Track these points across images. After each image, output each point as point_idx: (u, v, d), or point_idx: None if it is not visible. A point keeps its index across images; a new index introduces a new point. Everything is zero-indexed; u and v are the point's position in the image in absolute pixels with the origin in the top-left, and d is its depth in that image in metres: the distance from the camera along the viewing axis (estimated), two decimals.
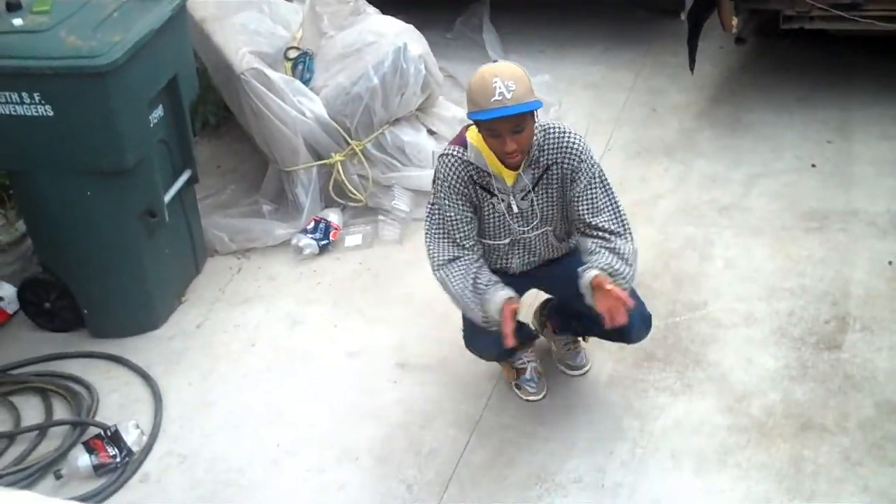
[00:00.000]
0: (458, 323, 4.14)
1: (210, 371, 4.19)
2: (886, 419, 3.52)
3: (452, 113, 5.30)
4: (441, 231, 3.45)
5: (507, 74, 3.14)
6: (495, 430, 3.74)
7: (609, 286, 3.14)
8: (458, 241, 3.44)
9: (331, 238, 4.81)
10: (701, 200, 4.80)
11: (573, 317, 3.75)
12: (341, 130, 4.85)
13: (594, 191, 3.36)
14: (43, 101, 3.82)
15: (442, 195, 3.42)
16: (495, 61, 3.46)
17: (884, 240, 4.38)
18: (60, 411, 4.02)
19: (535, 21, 6.68)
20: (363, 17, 5.28)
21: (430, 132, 5.14)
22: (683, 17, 5.38)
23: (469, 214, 3.43)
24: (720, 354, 3.90)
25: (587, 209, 3.35)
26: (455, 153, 3.40)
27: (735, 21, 5.16)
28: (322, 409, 3.94)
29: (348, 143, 4.88)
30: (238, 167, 5.49)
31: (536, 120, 3.29)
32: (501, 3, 6.57)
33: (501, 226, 3.47)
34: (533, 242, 3.52)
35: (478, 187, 3.39)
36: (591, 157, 3.38)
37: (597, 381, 3.87)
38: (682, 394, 3.74)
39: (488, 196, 3.40)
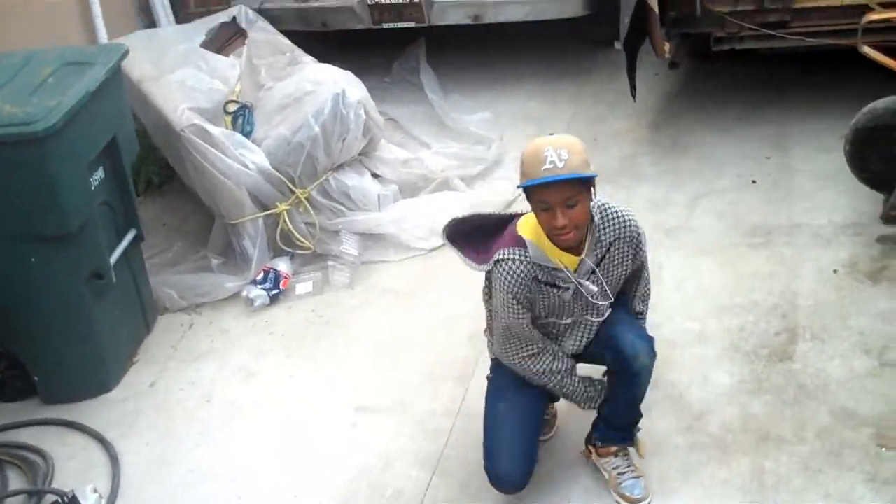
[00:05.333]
0: (413, 364, 4.16)
1: (166, 430, 4.14)
2: (842, 426, 3.55)
3: (395, 155, 5.33)
4: (517, 335, 3.34)
5: (560, 144, 3.04)
6: (458, 466, 3.72)
7: None
8: (534, 338, 3.35)
9: (281, 287, 4.80)
10: (647, 224, 4.74)
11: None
12: (285, 180, 4.86)
13: (644, 275, 3.49)
14: None
15: (508, 308, 3.25)
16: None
17: (828, 249, 4.43)
18: (16, 481, 3.94)
19: (472, 60, 6.74)
20: (300, 66, 5.32)
21: (374, 175, 5.17)
22: (618, 45, 5.45)
23: (528, 319, 3.30)
24: (676, 374, 3.91)
25: (635, 293, 3.51)
26: (516, 256, 3.20)
27: (667, 46, 5.23)
28: (282, 460, 3.90)
29: (293, 192, 4.89)
30: (183, 224, 5.47)
31: (594, 198, 3.17)
32: (437, 44, 6.62)
33: (562, 308, 3.32)
34: (589, 324, 3.40)
35: (541, 285, 3.24)
36: (644, 239, 3.39)
37: (557, 407, 3.87)
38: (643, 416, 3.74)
39: (553, 289, 3.25)
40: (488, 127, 5.85)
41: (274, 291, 4.78)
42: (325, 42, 6.36)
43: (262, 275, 4.83)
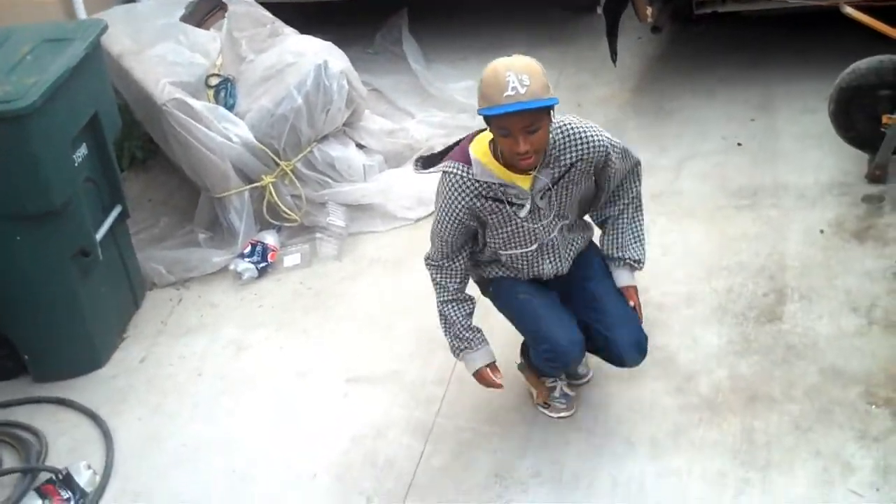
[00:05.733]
0: (403, 333, 4.16)
1: (158, 405, 4.14)
2: (831, 384, 3.57)
3: (379, 125, 5.31)
4: (438, 240, 3.41)
5: (520, 68, 2.96)
6: (450, 433, 3.74)
7: (632, 302, 3.46)
8: (448, 254, 3.41)
9: (269, 260, 4.79)
10: None
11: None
12: (269, 152, 4.84)
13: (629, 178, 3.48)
14: None
15: (441, 217, 3.31)
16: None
17: (814, 210, 4.45)
18: (9, 460, 3.95)
19: (454, 29, 6.71)
20: (281, 38, 5.28)
21: (359, 146, 5.15)
22: (600, 11, 5.43)
23: (462, 238, 3.37)
24: (666, 337, 3.92)
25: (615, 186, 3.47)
26: (458, 171, 3.22)
27: (650, 11, 5.22)
28: (275, 431, 3.91)
29: (278, 164, 4.87)
30: (169, 199, 5.45)
31: (553, 119, 3.14)
32: (419, 14, 6.59)
33: (524, 233, 3.33)
34: (556, 240, 3.40)
35: (488, 201, 3.23)
36: (622, 146, 3.35)
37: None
38: (632, 379, 3.75)
39: (504, 206, 3.24)
40: (472, 95, 5.73)
41: (262, 264, 4.78)
42: (305, 13, 6.33)
43: (249, 248, 4.83)
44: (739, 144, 5.02)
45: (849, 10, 4.25)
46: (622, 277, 3.53)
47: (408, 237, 4.82)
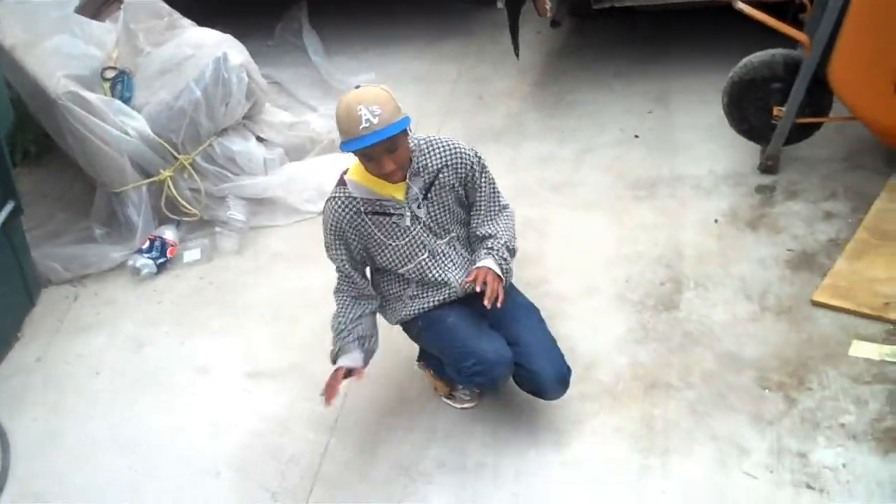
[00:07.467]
0: (306, 327, 4.14)
1: (55, 404, 4.06)
2: (726, 370, 3.66)
3: (280, 118, 5.27)
4: (345, 286, 3.54)
5: (370, 99, 3.16)
6: (354, 428, 3.74)
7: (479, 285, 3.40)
8: (361, 290, 3.53)
9: (168, 255, 4.73)
10: (534, 181, 4.89)
11: None
12: (167, 146, 4.77)
13: (491, 202, 3.54)
14: None
15: (329, 241, 3.45)
16: (360, 88, 3.30)
17: (709, 200, 4.54)
18: None
19: (356, 21, 6.70)
20: (179, 31, 5.19)
21: (259, 139, 5.10)
22: (500, 5, 5.46)
23: (360, 261, 3.50)
24: (567, 327, 3.97)
25: (483, 221, 3.54)
26: (337, 195, 3.40)
27: (549, 5, 5.26)
28: (175, 428, 3.86)
29: (176, 158, 4.80)
30: (65, 194, 5.34)
31: (410, 132, 3.33)
32: (320, 6, 6.55)
33: (412, 243, 3.46)
34: (448, 251, 3.52)
35: (370, 216, 3.40)
36: (485, 165, 3.50)
37: None
38: None
39: (386, 218, 3.41)
40: None
41: (161, 260, 4.71)
42: (204, 5, 6.23)
43: (147, 244, 4.75)
44: (637, 136, 5.10)
45: (741, 6, 4.33)
46: (484, 261, 3.50)
47: (309, 230, 4.78)
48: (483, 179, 3.51)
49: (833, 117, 4.46)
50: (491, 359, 3.40)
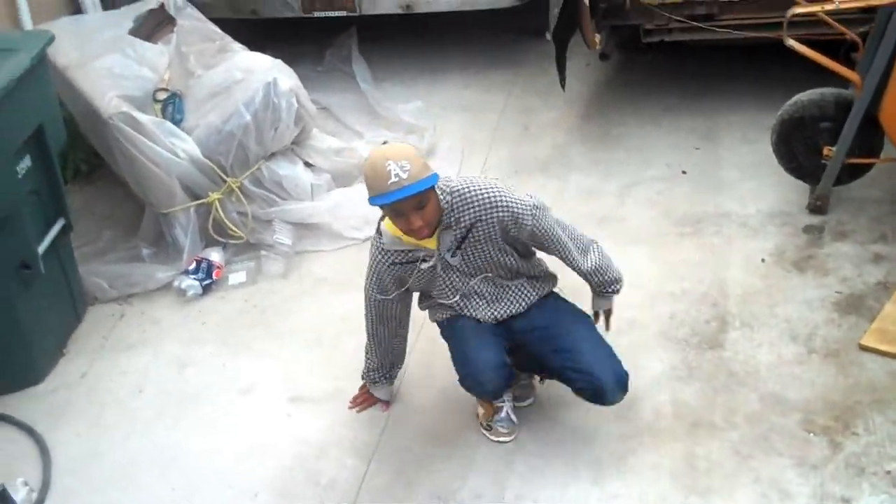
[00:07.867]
0: (348, 352, 4.15)
1: (98, 421, 4.08)
2: (771, 411, 3.63)
3: (328, 144, 5.31)
4: (372, 312, 3.71)
5: (398, 155, 3.16)
6: (394, 454, 3.73)
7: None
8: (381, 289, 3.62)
9: (214, 277, 4.76)
10: (578, 213, 4.87)
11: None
12: (216, 169, 4.81)
13: (552, 235, 3.51)
14: None
15: (370, 267, 3.58)
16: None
17: (755, 239, 4.52)
18: None
19: (404, 49, 6.74)
20: (230, 54, 5.26)
21: (307, 164, 5.14)
22: (549, 36, 5.49)
23: (396, 298, 3.61)
24: None
25: (563, 256, 3.59)
26: (375, 241, 3.50)
27: (598, 38, 5.28)
28: (216, 449, 3.87)
29: (225, 181, 4.84)
30: (113, 213, 5.39)
31: (439, 189, 3.32)
32: (369, 33, 6.61)
33: (444, 285, 3.53)
34: (482, 288, 3.55)
35: (402, 265, 3.48)
36: (521, 202, 3.40)
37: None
38: (576, 404, 3.75)
39: (417, 265, 3.47)
40: (421, 116, 5.86)
41: (206, 281, 4.74)
42: (254, 30, 6.32)
43: (194, 265, 4.79)
44: (684, 172, 5.09)
45: (792, 43, 4.33)
46: (598, 303, 3.79)
47: (354, 257, 4.80)
48: (539, 226, 3.44)
49: (885, 158, 4.43)
50: (480, 369, 3.51)
